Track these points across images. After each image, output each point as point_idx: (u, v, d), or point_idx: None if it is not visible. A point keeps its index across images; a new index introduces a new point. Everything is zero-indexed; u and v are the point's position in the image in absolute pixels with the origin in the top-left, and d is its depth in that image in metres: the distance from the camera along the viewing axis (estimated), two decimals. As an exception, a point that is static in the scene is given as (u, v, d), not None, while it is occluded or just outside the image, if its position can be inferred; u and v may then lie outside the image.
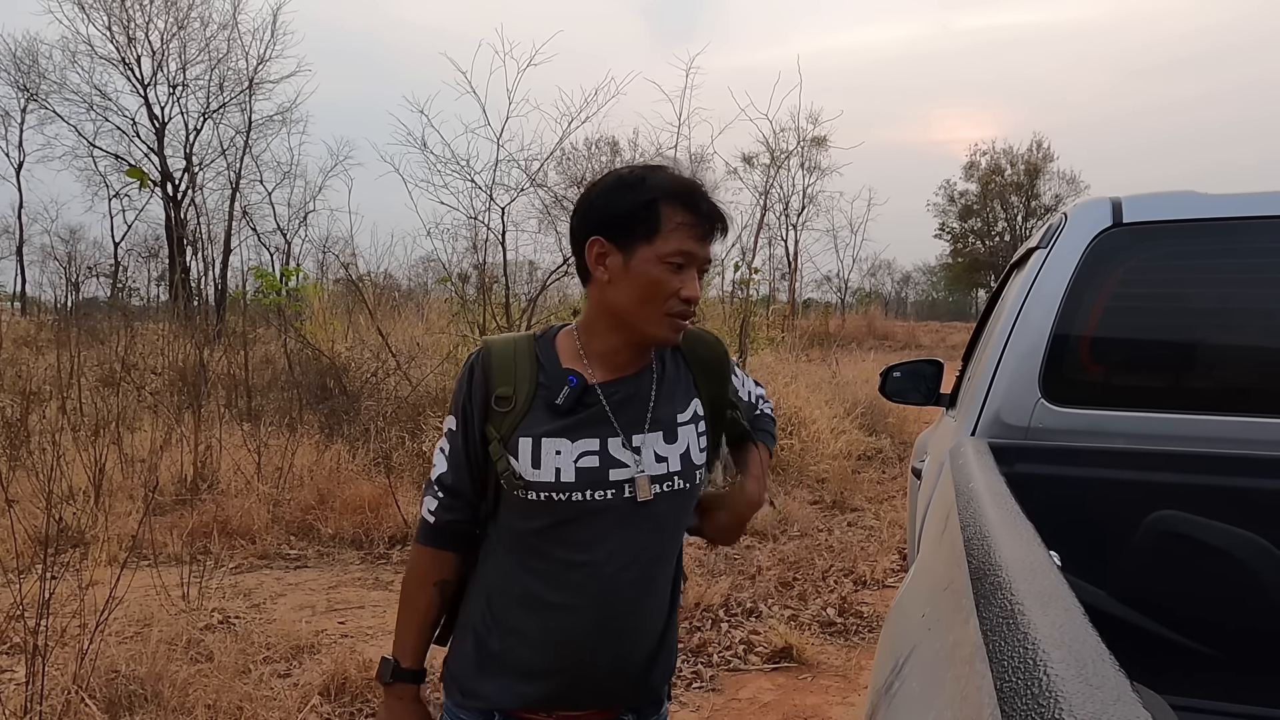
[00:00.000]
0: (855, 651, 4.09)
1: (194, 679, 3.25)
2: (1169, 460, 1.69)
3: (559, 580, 1.32)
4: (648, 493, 1.32)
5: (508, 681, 1.35)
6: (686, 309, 1.31)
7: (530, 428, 1.31)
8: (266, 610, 4.37)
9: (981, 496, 1.09)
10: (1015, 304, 1.87)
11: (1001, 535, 0.88)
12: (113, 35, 25.35)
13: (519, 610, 1.34)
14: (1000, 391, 1.83)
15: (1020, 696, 0.50)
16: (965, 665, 0.69)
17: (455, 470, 1.37)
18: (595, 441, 1.32)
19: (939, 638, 0.87)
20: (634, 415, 1.35)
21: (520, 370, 1.34)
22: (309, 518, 5.70)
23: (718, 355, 1.47)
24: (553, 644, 1.32)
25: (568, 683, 1.34)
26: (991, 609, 0.67)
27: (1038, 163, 43.08)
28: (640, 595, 1.35)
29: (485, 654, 1.36)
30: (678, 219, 1.29)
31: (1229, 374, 1.83)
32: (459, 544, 1.40)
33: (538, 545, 1.33)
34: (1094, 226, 1.80)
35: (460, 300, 8.61)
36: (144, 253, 36.08)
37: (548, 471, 1.30)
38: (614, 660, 1.34)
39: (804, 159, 29.22)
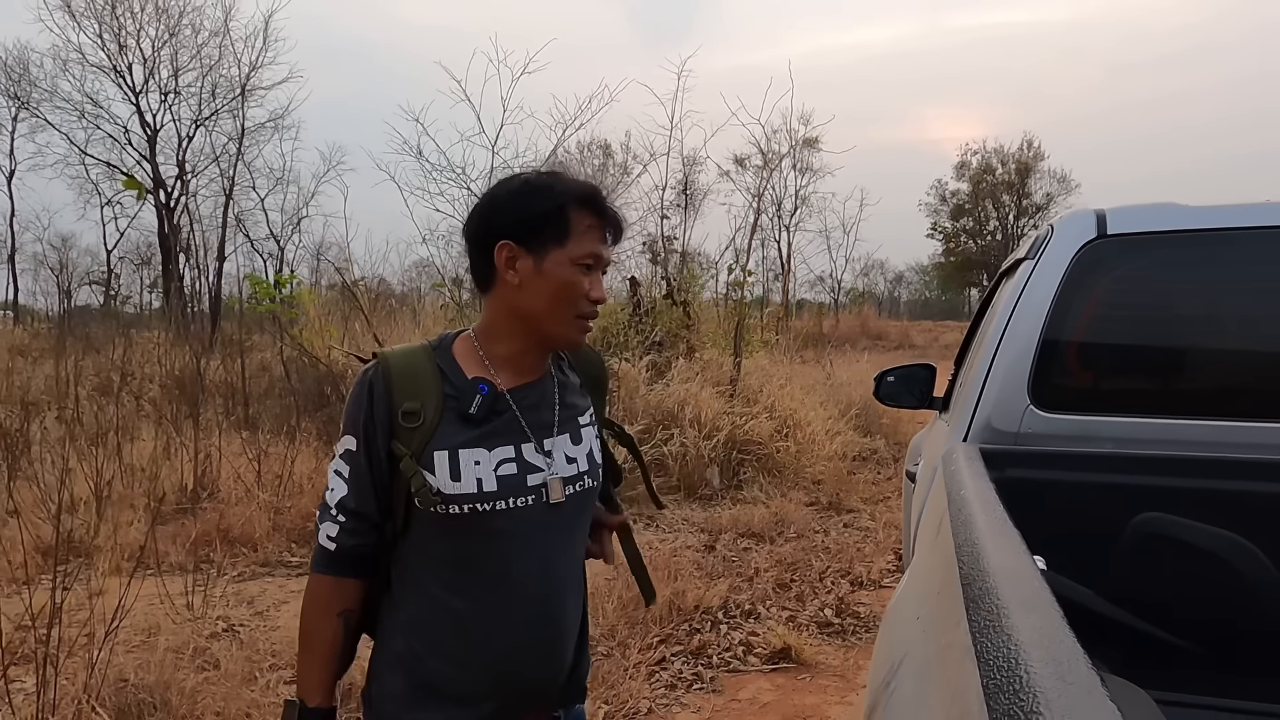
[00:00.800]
0: (853, 651, 4.14)
1: (201, 687, 3.30)
2: (1154, 464, 1.75)
3: (486, 597, 1.31)
4: (560, 494, 1.34)
5: (447, 709, 1.32)
6: (593, 310, 1.34)
7: (443, 440, 1.29)
8: (270, 618, 4.42)
9: (971, 503, 1.15)
10: (1005, 313, 1.93)
11: (989, 543, 0.93)
12: (104, 43, 25.39)
13: (448, 636, 1.31)
14: (991, 398, 1.89)
15: (1003, 693, 0.55)
16: (957, 666, 0.74)
17: (358, 492, 1.32)
18: (510, 449, 1.32)
19: (933, 640, 0.93)
20: (542, 419, 1.36)
21: (424, 382, 1.31)
22: (310, 525, 5.74)
23: (602, 372, 1.55)
24: (487, 664, 1.31)
25: (506, 697, 1.33)
26: (980, 612, 0.72)
27: (1028, 161, 43.30)
28: (563, 598, 1.37)
29: (418, 685, 1.33)
30: (586, 222, 1.31)
31: (1211, 379, 1.90)
32: (361, 570, 1.35)
33: (461, 562, 1.31)
34: (1079, 238, 1.86)
35: (456, 305, 8.64)
36: (136, 260, 36.00)
37: (469, 483, 1.28)
38: (548, 666, 1.36)
39: (795, 160, 29.31)
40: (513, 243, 1.30)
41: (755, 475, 7.25)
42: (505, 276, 1.31)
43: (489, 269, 1.33)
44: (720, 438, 7.22)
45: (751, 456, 7.38)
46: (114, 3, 25.20)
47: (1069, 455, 1.81)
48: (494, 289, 1.34)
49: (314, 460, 6.71)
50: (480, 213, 1.35)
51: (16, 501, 5.99)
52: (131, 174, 26.80)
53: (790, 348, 11.99)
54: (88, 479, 5.70)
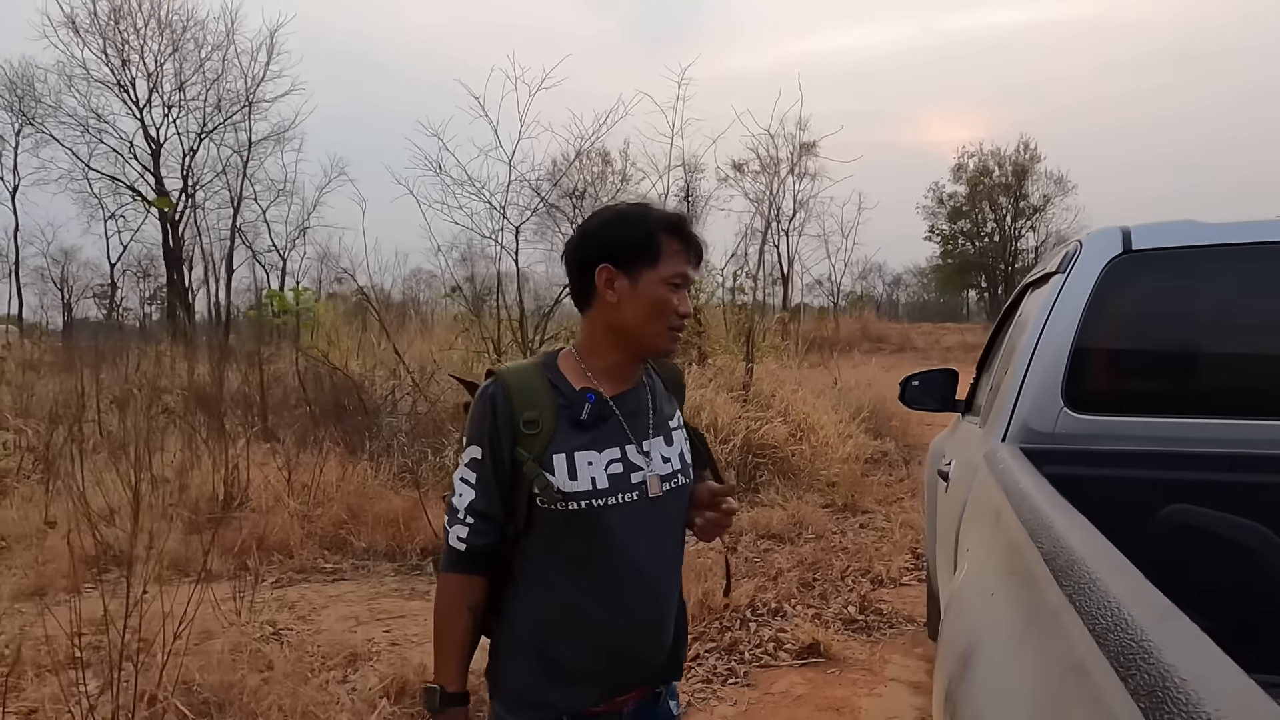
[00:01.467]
0: (879, 646, 4.30)
1: (261, 687, 3.45)
2: (1179, 460, 1.91)
3: (601, 584, 1.47)
4: (658, 490, 1.50)
5: (572, 687, 1.49)
6: (681, 322, 1.51)
7: (560, 445, 1.45)
8: (313, 622, 4.56)
9: (1033, 495, 1.31)
10: (1038, 322, 2.09)
11: (1061, 524, 1.09)
12: (108, 58, 25.58)
13: (569, 620, 1.47)
14: (1027, 401, 2.05)
15: (1112, 634, 0.71)
16: (1051, 624, 0.90)
17: (486, 495, 1.47)
18: (617, 450, 1.49)
19: (1013, 608, 1.09)
20: (640, 423, 1.54)
21: (539, 394, 1.48)
22: (341, 532, 5.90)
23: (679, 378, 1.72)
24: (603, 645, 1.48)
25: (621, 675, 1.52)
26: (1071, 580, 0.88)
27: (1025, 163, 43.48)
28: (664, 584, 1.54)
29: (549, 667, 1.48)
30: (674, 247, 1.49)
31: (1229, 381, 2.06)
32: (487, 567, 1.51)
33: (577, 553, 1.47)
34: (1106, 253, 2.03)
35: (473, 316, 8.80)
36: (137, 273, 36.14)
37: (584, 481, 1.44)
38: (654, 646, 1.54)
39: (795, 166, 29.54)
40: (611, 266, 1.48)
41: (771, 478, 7.41)
42: (605, 296, 1.49)
43: (589, 290, 1.51)
44: (736, 442, 7.38)
45: (767, 460, 7.54)
46: (117, 18, 25.43)
47: (1101, 453, 1.97)
48: (593, 308, 1.52)
49: (339, 469, 6.85)
50: (580, 241, 1.53)
51: (54, 513, 6.15)
52: (135, 187, 27.00)
53: (796, 353, 12.15)
54: (126, 488, 5.83)
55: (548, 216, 17.58)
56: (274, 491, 6.41)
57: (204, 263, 26.94)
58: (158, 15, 26.18)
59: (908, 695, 3.77)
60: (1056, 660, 0.85)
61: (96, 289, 36.68)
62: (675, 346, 1.55)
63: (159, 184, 26.78)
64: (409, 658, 3.87)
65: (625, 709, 1.54)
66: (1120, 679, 0.66)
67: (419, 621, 4.58)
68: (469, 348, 9.23)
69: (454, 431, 7.22)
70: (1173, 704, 0.57)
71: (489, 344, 8.08)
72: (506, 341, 7.74)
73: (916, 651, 4.22)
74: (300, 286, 11.93)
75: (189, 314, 24.60)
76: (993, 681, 1.04)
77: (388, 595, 5.05)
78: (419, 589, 5.14)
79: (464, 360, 8.91)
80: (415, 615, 4.68)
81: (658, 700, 1.61)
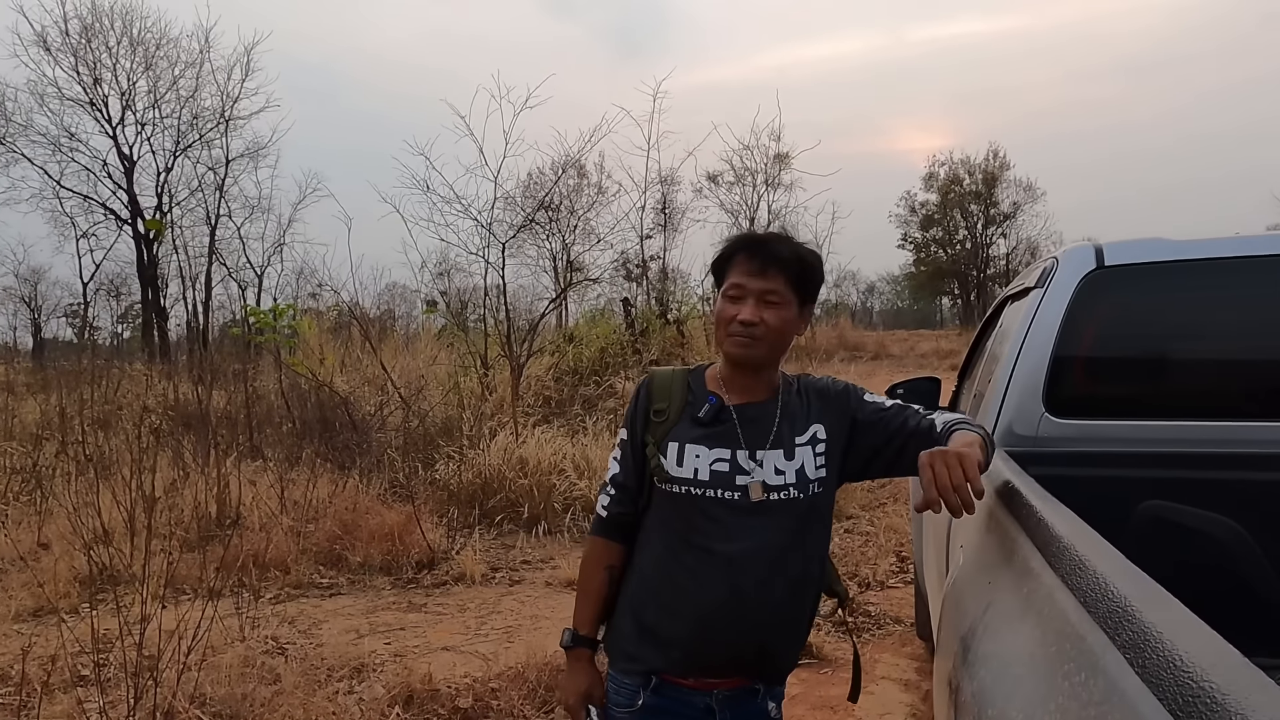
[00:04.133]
0: (868, 647, 4.43)
1: (273, 699, 3.53)
2: (1153, 459, 2.07)
3: (698, 563, 1.62)
4: (759, 495, 1.62)
5: (661, 648, 1.65)
6: (742, 329, 1.62)
7: (678, 435, 1.66)
8: (314, 635, 4.63)
9: (1025, 493, 1.45)
10: (1019, 333, 2.24)
11: (1052, 517, 1.23)
12: (80, 76, 25.40)
13: (667, 588, 1.65)
14: (1011, 407, 2.20)
15: (1099, 603, 0.85)
16: (1046, 601, 1.04)
17: (625, 470, 1.73)
18: (727, 451, 1.63)
19: (1012, 592, 1.22)
20: (759, 433, 1.65)
21: (674, 391, 1.71)
22: (336, 547, 5.96)
23: (827, 386, 1.76)
24: (694, 618, 1.62)
25: (706, 652, 1.63)
26: (1063, 563, 1.02)
27: (995, 171, 44.12)
28: (766, 582, 1.62)
29: (642, 626, 1.68)
30: (739, 259, 1.65)
31: (1196, 385, 2.22)
32: (625, 535, 1.74)
33: (681, 533, 1.65)
34: (1081, 269, 2.19)
35: (458, 329, 8.89)
36: (110, 292, 35.79)
37: (688, 469, 1.63)
38: (742, 635, 1.63)
39: (770, 178, 29.83)
40: (716, 286, 1.71)
41: (756, 486, 7.53)
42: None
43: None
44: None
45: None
46: (89, 36, 25.28)
47: (1080, 454, 2.13)
48: None
49: (330, 485, 6.91)
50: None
51: (47, 534, 6.18)
52: (108, 205, 26.81)
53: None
54: (121, 509, 5.87)
55: (525, 229, 17.69)
56: (266, 509, 6.46)
57: (181, 281, 26.80)
58: (130, 33, 26.07)
59: (899, 693, 3.91)
60: (1052, 631, 0.99)
61: (68, 308, 36.31)
62: (739, 351, 1.64)
63: (133, 202, 26.60)
64: (414, 668, 3.96)
65: (716, 692, 1.66)
66: (1109, 638, 0.80)
67: (419, 633, 4.67)
68: (454, 361, 9.33)
69: (445, 446, 7.30)
70: (1152, 652, 0.70)
71: (475, 357, 8.18)
72: (494, 355, 7.84)
73: (905, 651, 4.36)
74: (282, 304, 11.94)
75: (163, 333, 24.44)
76: (995, 655, 1.17)
77: (386, 608, 5.12)
78: (416, 601, 5.23)
79: (450, 375, 9.00)
80: (415, 627, 4.77)
81: (755, 696, 1.71)
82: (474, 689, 3.75)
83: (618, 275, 21.61)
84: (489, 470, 6.84)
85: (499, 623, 4.84)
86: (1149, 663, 0.69)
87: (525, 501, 6.63)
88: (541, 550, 6.23)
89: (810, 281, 1.67)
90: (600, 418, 8.14)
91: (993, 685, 1.09)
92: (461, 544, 6.10)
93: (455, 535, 6.23)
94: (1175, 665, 0.65)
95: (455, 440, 7.29)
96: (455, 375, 8.60)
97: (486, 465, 6.89)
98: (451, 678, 3.86)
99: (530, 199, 17.78)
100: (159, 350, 20.08)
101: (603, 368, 8.96)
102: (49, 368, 15.53)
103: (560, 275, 19.58)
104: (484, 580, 5.59)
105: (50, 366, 15.65)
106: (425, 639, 4.57)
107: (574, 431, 7.73)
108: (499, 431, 7.47)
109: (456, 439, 7.35)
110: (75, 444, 8.25)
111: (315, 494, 6.59)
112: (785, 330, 1.65)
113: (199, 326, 25.18)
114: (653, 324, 9.89)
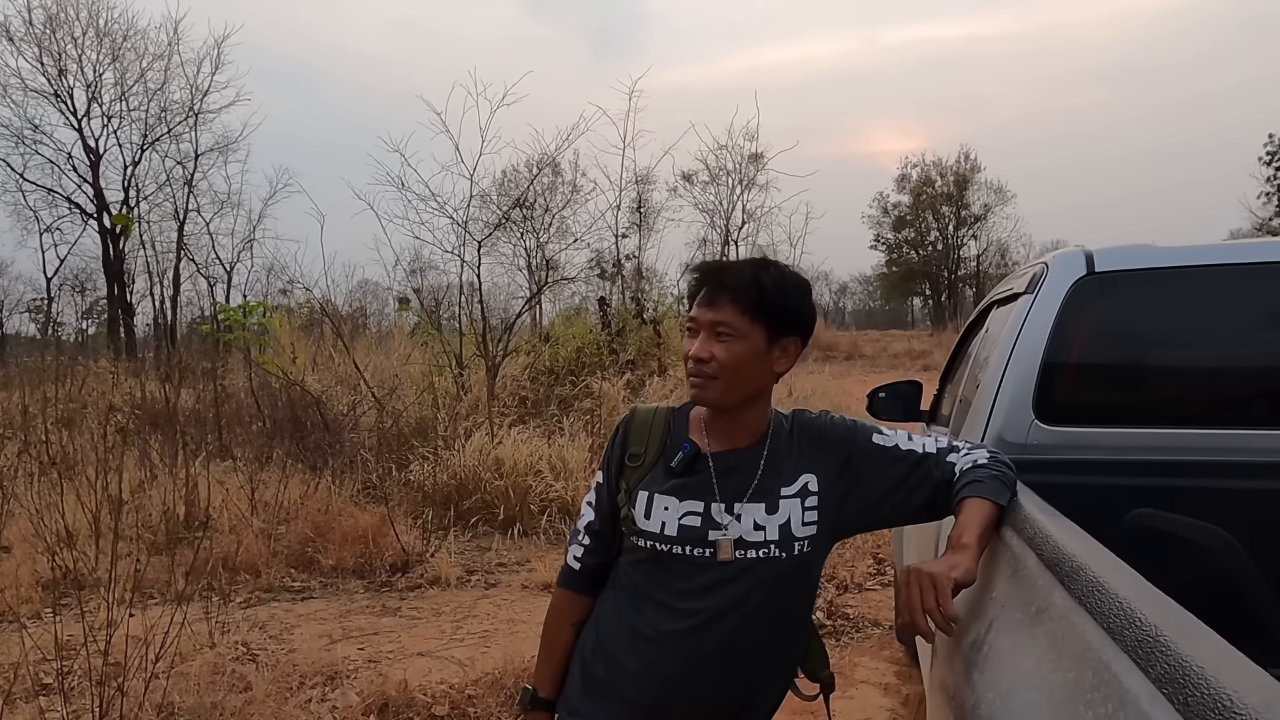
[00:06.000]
0: (847, 650, 4.42)
1: (244, 708, 3.44)
2: (1143, 467, 2.05)
3: (657, 621, 1.48)
4: (729, 555, 1.45)
5: (606, 704, 1.52)
6: (694, 366, 1.47)
7: (650, 484, 1.51)
8: (285, 641, 4.54)
9: (1025, 504, 1.42)
10: (1009, 339, 2.22)
11: (1056, 532, 1.20)
12: (44, 67, 24.89)
13: (622, 641, 1.51)
14: (1001, 414, 2.18)
15: (1127, 629, 0.81)
16: (1060, 621, 1.01)
17: (601, 517, 1.59)
18: (699, 504, 1.47)
19: (1018, 609, 1.19)
20: (738, 485, 1.48)
21: (653, 434, 1.56)
22: (308, 550, 5.86)
23: (825, 428, 1.57)
24: (646, 677, 1.49)
25: (657, 716, 1.50)
26: (1079, 583, 0.99)
27: (966, 174, 44.52)
28: (732, 647, 1.47)
29: (590, 678, 1.55)
30: (695, 292, 1.51)
31: (1187, 393, 2.21)
32: (595, 588, 1.60)
33: (643, 587, 1.51)
34: (1071, 275, 2.17)
35: (433, 329, 8.80)
36: (75, 287, 35.13)
37: (655, 523, 1.48)
38: (700, 704, 1.50)
39: (744, 178, 29.85)
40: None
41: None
42: None
43: None
44: (698, 452, 7.47)
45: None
46: (54, 26, 24.77)
47: (1070, 461, 2.11)
48: None
49: (301, 487, 6.80)
50: None
51: (8, 537, 6.01)
52: (73, 199, 26.31)
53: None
54: (85, 510, 5.73)
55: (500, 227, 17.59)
56: (236, 510, 6.34)
57: (148, 276, 26.35)
58: (96, 24, 25.57)
59: (878, 696, 3.89)
60: (1070, 655, 0.95)
61: (31, 304, 35.59)
62: (695, 392, 1.49)
63: (98, 196, 26.12)
64: (388, 674, 3.88)
65: None
66: (1140, 670, 0.77)
67: (393, 638, 4.59)
68: (429, 361, 9.22)
69: (419, 446, 7.21)
70: (1194, 689, 0.67)
71: (450, 357, 8.08)
72: (469, 355, 7.76)
73: (884, 655, 4.35)
74: (252, 301, 11.75)
75: (130, 329, 24.02)
76: (1004, 677, 1.13)
77: (359, 612, 5.04)
78: (390, 605, 5.15)
79: (424, 374, 8.90)
80: (389, 632, 4.69)
81: None
82: (450, 696, 3.69)
83: (593, 274, 21.54)
84: (464, 471, 6.76)
85: (475, 627, 4.77)
86: (1191, 699, 0.66)
87: (501, 503, 6.57)
88: (518, 552, 6.17)
89: (777, 307, 1.46)
90: (576, 418, 8.08)
91: (1003, 707, 1.06)
92: (436, 546, 6.02)
93: (430, 537, 6.15)
94: (1224, 705, 0.62)
95: (430, 441, 7.20)
96: (429, 375, 8.49)
97: (461, 466, 6.81)
98: (427, 684, 3.80)
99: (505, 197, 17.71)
100: (125, 347, 19.72)
101: (579, 368, 8.90)
102: (11, 364, 15.25)
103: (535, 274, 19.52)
104: (459, 583, 5.52)
105: (12, 363, 15.36)
106: (400, 644, 4.49)
107: (550, 432, 7.67)
108: (474, 432, 7.38)
109: (431, 439, 7.26)
110: (38, 443, 8.07)
111: (286, 495, 6.49)
112: (740, 367, 1.45)
113: (166, 323, 24.76)
114: (629, 323, 9.85)
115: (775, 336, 1.48)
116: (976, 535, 1.36)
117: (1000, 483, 1.48)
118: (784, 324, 1.49)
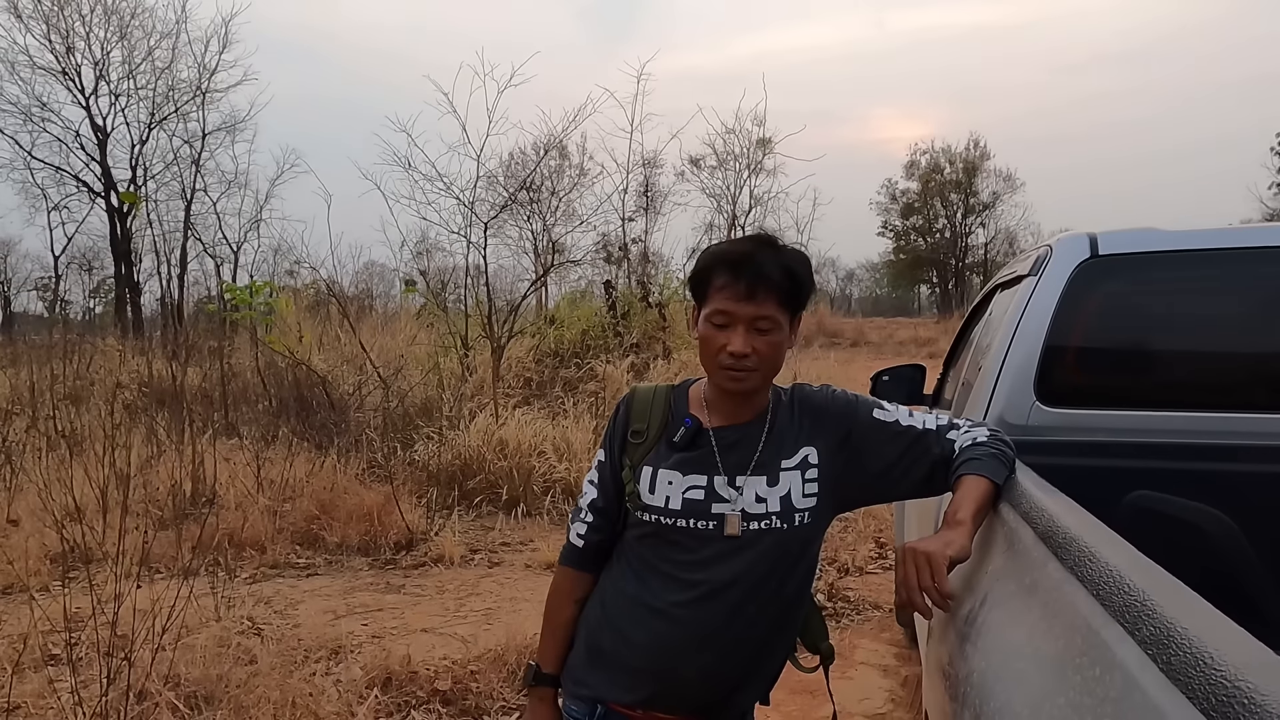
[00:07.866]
0: (847, 632, 4.45)
1: (249, 680, 3.48)
2: (1143, 449, 2.06)
3: (663, 593, 1.51)
4: (735, 529, 1.48)
5: (612, 675, 1.54)
6: (733, 361, 1.45)
7: (653, 459, 1.54)
8: (290, 616, 4.59)
9: (1022, 481, 1.44)
10: (1012, 322, 2.23)
11: (1052, 506, 1.22)
12: (52, 45, 24.89)
13: (628, 614, 1.54)
14: (1002, 396, 2.19)
15: (1115, 595, 0.83)
16: (1053, 592, 1.02)
17: (604, 494, 1.60)
18: (703, 478, 1.51)
19: (1013, 582, 1.21)
20: (740, 458, 1.52)
21: (654, 411, 1.58)
22: (313, 527, 5.90)
23: (826, 401, 1.59)
24: (652, 648, 1.51)
25: (663, 686, 1.52)
26: (1071, 554, 1.00)
27: (975, 161, 44.39)
28: (736, 618, 1.50)
29: (595, 650, 1.57)
30: (719, 282, 1.47)
31: (1188, 376, 2.22)
32: (598, 565, 1.62)
33: (649, 560, 1.54)
34: (1075, 258, 2.18)
35: (438, 309, 8.82)
36: (82, 266, 35.24)
37: (659, 498, 1.51)
38: (704, 673, 1.51)
39: (751, 163, 29.77)
40: (695, 302, 1.55)
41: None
42: (695, 331, 1.56)
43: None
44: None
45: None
46: (62, 4, 24.74)
47: (1071, 443, 2.12)
48: None
49: (307, 465, 6.83)
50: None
51: (17, 511, 6.07)
52: (80, 177, 26.34)
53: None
54: (93, 485, 5.78)
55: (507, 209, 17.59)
56: (242, 487, 6.38)
57: (155, 255, 26.40)
58: (104, 1, 25.56)
59: (877, 678, 3.92)
60: (1061, 623, 0.97)
61: (38, 282, 35.72)
62: (734, 385, 1.49)
63: (105, 174, 26.16)
64: (391, 649, 3.92)
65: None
66: (1128, 633, 0.78)
67: (396, 614, 4.63)
68: (434, 342, 9.25)
69: (424, 426, 7.24)
70: (1177, 649, 0.68)
71: (456, 338, 8.11)
72: (475, 336, 7.78)
73: (884, 637, 4.37)
74: (259, 281, 11.79)
75: (137, 308, 24.11)
76: (997, 647, 1.15)
77: (363, 589, 5.08)
78: (394, 582, 5.19)
79: (429, 355, 8.93)
80: (393, 608, 4.73)
81: None
82: (453, 671, 3.73)
83: (599, 257, 21.56)
84: (469, 451, 6.80)
85: (478, 604, 4.82)
86: (1175, 659, 0.67)
87: (505, 483, 6.60)
88: (521, 532, 6.21)
89: (801, 295, 1.51)
90: (581, 400, 8.10)
91: (995, 677, 1.08)
92: (440, 525, 6.06)
93: (434, 516, 6.19)
94: (1205, 663, 0.63)
95: (435, 421, 7.23)
96: (435, 355, 8.52)
97: (466, 446, 6.84)
98: (430, 660, 3.84)
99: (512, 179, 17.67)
100: (132, 325, 19.80)
101: (584, 350, 8.92)
102: (18, 342, 15.30)
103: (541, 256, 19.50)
104: (463, 562, 5.56)
105: (20, 340, 15.41)
106: (403, 620, 4.54)
107: (554, 414, 7.69)
108: (479, 413, 7.42)
109: (436, 420, 7.30)
110: (46, 419, 8.13)
111: (292, 473, 6.53)
112: (778, 356, 1.50)
113: (173, 302, 24.81)
114: (634, 306, 9.85)
115: (794, 318, 1.53)
116: (972, 512, 1.39)
117: (998, 461, 1.50)
118: (803, 305, 1.54)
